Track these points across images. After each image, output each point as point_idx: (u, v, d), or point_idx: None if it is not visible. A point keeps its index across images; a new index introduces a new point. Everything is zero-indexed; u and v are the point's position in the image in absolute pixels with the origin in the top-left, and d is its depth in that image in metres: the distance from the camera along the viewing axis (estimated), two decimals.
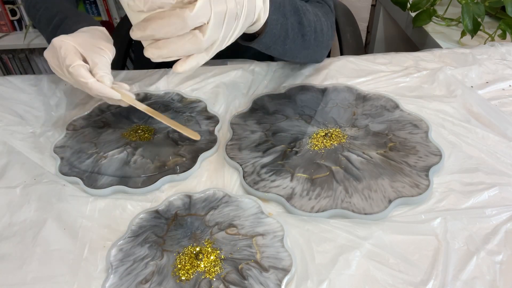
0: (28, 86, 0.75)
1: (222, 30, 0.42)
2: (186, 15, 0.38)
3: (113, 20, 1.76)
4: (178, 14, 0.38)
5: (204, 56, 0.43)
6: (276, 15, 0.53)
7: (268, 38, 0.54)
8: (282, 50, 0.60)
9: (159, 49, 0.41)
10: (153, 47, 0.41)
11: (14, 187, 0.54)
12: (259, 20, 0.49)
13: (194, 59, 0.43)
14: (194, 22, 0.39)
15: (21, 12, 1.74)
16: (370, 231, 0.45)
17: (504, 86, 0.67)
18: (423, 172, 0.51)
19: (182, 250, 0.44)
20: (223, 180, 0.54)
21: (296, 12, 0.58)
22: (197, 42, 0.40)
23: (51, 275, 0.44)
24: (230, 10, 0.41)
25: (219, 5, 0.40)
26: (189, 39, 0.40)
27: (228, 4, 0.41)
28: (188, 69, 0.43)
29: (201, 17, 0.39)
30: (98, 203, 0.51)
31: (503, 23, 0.87)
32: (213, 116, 0.64)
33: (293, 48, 0.61)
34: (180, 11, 0.38)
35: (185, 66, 0.43)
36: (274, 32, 0.54)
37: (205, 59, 0.44)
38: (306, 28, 0.60)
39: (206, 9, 0.39)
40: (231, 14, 0.42)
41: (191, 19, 0.38)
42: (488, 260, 0.42)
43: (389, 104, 0.63)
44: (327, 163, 0.53)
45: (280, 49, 0.59)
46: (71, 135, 0.62)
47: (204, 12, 0.39)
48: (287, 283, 0.41)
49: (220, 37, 0.42)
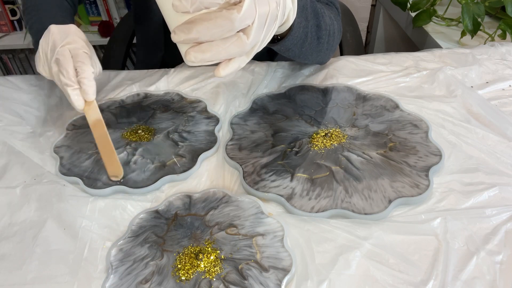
0: (28, 86, 0.75)
1: (263, 32, 0.41)
2: (234, 16, 0.36)
3: (113, 20, 1.76)
4: (226, 16, 0.37)
5: (244, 59, 0.42)
6: (300, 17, 0.52)
7: (291, 40, 0.54)
8: (299, 52, 0.59)
9: (203, 52, 0.39)
10: (196, 50, 0.39)
11: (14, 187, 0.54)
12: (287, 22, 0.48)
13: (236, 62, 0.41)
14: (241, 23, 0.37)
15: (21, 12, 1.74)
16: (370, 231, 0.45)
17: (504, 86, 0.67)
18: (423, 172, 0.51)
19: (182, 250, 0.44)
20: (223, 180, 0.54)
21: (316, 15, 0.58)
22: (242, 44, 0.39)
23: (51, 275, 0.44)
24: (272, 11, 0.40)
25: (263, 6, 0.39)
26: (233, 41, 0.39)
27: (270, 5, 0.40)
28: (230, 72, 0.41)
29: (247, 18, 0.38)
30: (98, 203, 0.51)
31: (503, 23, 0.87)
32: (213, 116, 0.64)
33: (308, 50, 0.61)
34: (227, 13, 0.37)
35: (227, 70, 0.41)
36: (297, 35, 0.54)
37: (245, 62, 0.42)
38: (323, 32, 0.60)
39: (252, 10, 0.38)
40: (273, 15, 0.41)
41: (239, 21, 0.37)
42: (488, 260, 0.42)
43: (389, 104, 0.63)
44: (327, 163, 0.53)
45: (297, 51, 0.58)
46: (71, 135, 0.62)
47: (250, 13, 0.38)
48: (287, 283, 0.41)
49: (261, 39, 0.41)
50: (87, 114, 0.55)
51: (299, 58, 0.63)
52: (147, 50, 0.88)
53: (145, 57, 0.91)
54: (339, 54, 0.86)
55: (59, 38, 0.57)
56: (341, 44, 0.98)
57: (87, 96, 0.55)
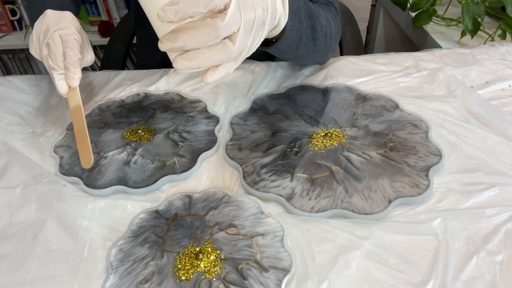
0: (28, 86, 0.76)
1: (250, 38, 0.41)
2: (218, 24, 0.37)
3: (113, 20, 1.76)
4: (210, 24, 0.37)
5: (232, 65, 0.42)
6: (293, 20, 0.53)
7: (284, 43, 0.54)
8: (294, 54, 0.59)
9: (189, 60, 0.39)
10: (183, 58, 0.40)
11: (14, 187, 0.54)
12: (279, 25, 0.48)
13: (223, 68, 0.42)
14: (225, 31, 0.38)
15: (21, 12, 1.75)
16: (370, 231, 0.45)
17: (504, 86, 0.67)
18: (423, 172, 0.51)
19: (182, 250, 0.44)
20: (223, 180, 0.54)
21: (310, 16, 0.58)
22: (227, 51, 0.39)
23: (51, 275, 0.44)
24: (258, 17, 0.40)
25: (248, 13, 0.39)
26: (219, 48, 0.39)
27: (256, 12, 0.40)
28: (217, 79, 0.42)
29: (232, 26, 0.38)
30: (98, 203, 0.51)
31: (503, 23, 0.87)
32: (213, 116, 0.64)
33: (304, 52, 0.61)
34: (211, 21, 0.37)
35: (214, 76, 0.42)
36: (290, 37, 0.54)
37: (233, 68, 0.43)
38: (318, 33, 0.60)
39: (236, 17, 0.38)
40: (259, 21, 0.41)
41: (223, 29, 0.37)
42: (488, 260, 0.42)
43: (389, 104, 0.63)
44: (327, 163, 0.53)
45: (293, 53, 0.59)
46: (71, 135, 0.62)
47: (235, 21, 0.38)
48: (287, 283, 0.41)
49: (248, 44, 0.41)
50: (69, 99, 0.56)
51: (296, 60, 0.63)
52: (147, 50, 0.89)
53: (145, 57, 0.91)
54: (339, 54, 0.86)
55: (53, 23, 0.58)
56: (341, 44, 0.98)
57: (70, 82, 0.56)
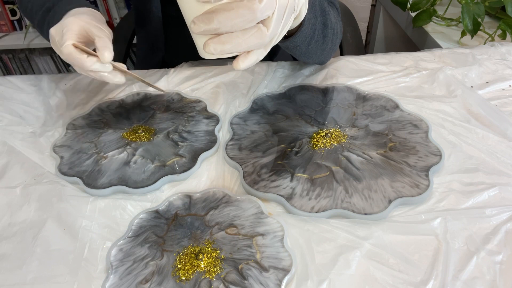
0: (28, 86, 0.75)
1: (281, 24, 0.40)
2: (256, 6, 0.36)
3: (113, 20, 1.76)
4: (247, 6, 0.36)
5: (262, 52, 0.41)
6: (310, 13, 0.52)
7: (300, 36, 0.53)
8: (305, 50, 0.58)
9: (222, 44, 0.38)
10: (215, 42, 0.38)
11: (14, 187, 0.54)
12: (300, 16, 0.47)
13: (254, 55, 0.40)
14: (262, 14, 0.37)
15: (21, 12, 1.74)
16: (370, 231, 0.45)
17: (504, 86, 0.67)
18: (423, 172, 0.51)
19: (182, 250, 0.44)
20: (223, 180, 0.54)
21: (323, 12, 0.57)
22: (262, 36, 0.38)
23: (51, 275, 0.44)
24: (291, 3, 0.40)
25: None
26: (253, 33, 0.38)
27: None
28: (249, 65, 0.41)
29: (268, 9, 0.37)
30: (98, 203, 0.51)
31: (503, 23, 0.87)
32: (213, 116, 0.64)
33: (314, 49, 0.60)
34: (249, 2, 0.36)
35: (246, 62, 0.40)
36: (306, 31, 0.53)
37: (263, 55, 0.42)
38: (329, 30, 0.59)
39: (272, 1, 0.37)
40: (291, 8, 0.40)
41: (260, 11, 0.36)
42: (488, 260, 0.42)
43: (389, 104, 0.63)
44: (327, 163, 0.53)
45: (304, 48, 0.58)
46: (71, 135, 0.62)
47: (271, 4, 0.37)
48: (287, 283, 0.41)
49: (279, 31, 0.40)
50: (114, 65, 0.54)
51: (303, 56, 0.63)
52: (147, 50, 0.88)
53: (145, 57, 0.91)
54: (339, 54, 0.86)
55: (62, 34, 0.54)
56: (341, 44, 0.98)
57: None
